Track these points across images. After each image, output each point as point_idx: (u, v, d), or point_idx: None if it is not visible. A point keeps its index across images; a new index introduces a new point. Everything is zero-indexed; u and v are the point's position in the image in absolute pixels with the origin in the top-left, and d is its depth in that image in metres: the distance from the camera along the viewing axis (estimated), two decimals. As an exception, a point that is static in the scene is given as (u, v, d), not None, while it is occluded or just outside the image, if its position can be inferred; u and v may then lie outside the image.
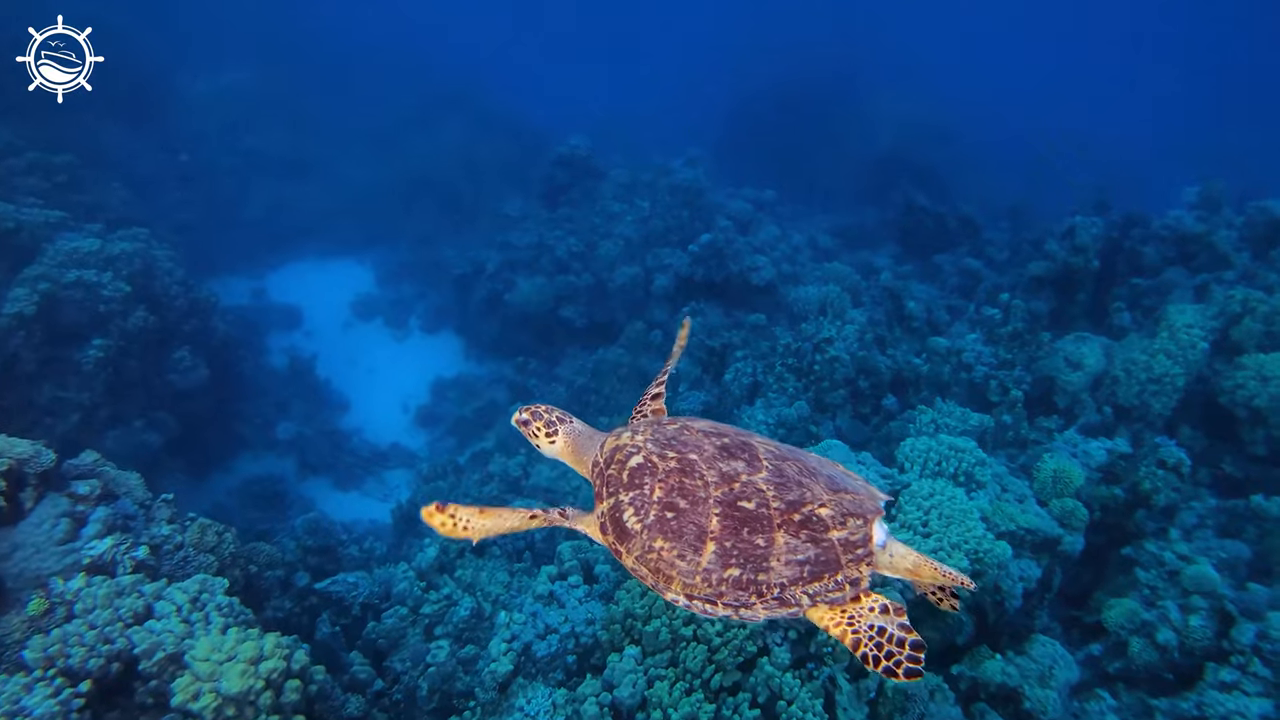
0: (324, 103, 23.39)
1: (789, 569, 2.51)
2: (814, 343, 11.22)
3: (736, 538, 2.54)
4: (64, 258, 11.34)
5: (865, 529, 2.61)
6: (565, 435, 3.14)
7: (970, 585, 2.68)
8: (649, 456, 2.76)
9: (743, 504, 2.58)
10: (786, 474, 2.68)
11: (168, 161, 19.69)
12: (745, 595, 2.53)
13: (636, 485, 2.71)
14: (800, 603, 2.53)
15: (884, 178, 21.55)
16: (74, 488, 5.87)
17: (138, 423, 11.68)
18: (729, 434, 2.86)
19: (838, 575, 2.53)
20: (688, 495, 2.62)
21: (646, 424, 3.00)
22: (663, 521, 2.61)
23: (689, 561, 2.55)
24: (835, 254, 16.82)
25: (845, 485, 2.76)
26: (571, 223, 15.78)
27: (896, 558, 2.70)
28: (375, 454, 14.25)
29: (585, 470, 3.10)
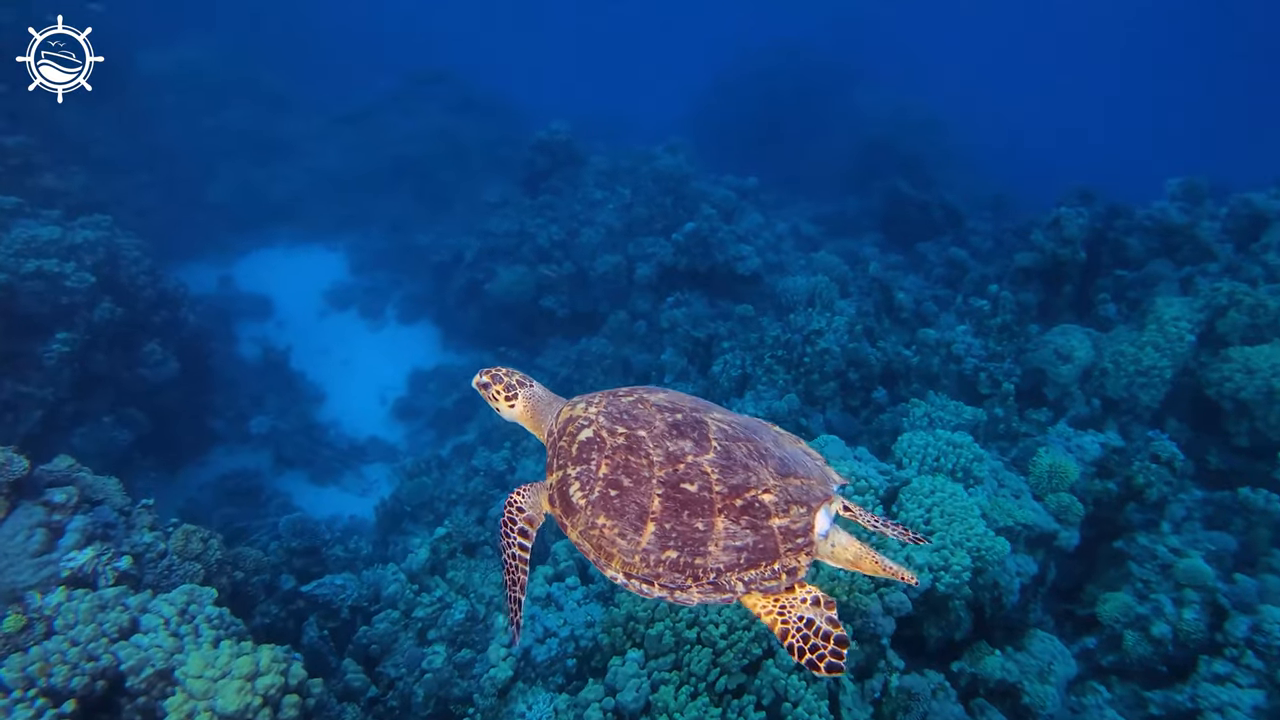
0: (292, 79, 22.69)
1: (726, 555, 2.48)
2: (804, 334, 11.13)
3: (676, 520, 2.51)
4: (21, 246, 10.82)
5: (808, 518, 2.56)
6: (525, 399, 3.14)
7: (914, 582, 2.66)
8: (599, 431, 2.74)
9: (685, 486, 2.54)
10: (734, 456, 2.62)
11: (126, 143, 18.93)
12: (681, 578, 2.50)
13: (584, 460, 2.70)
14: (735, 589, 2.50)
15: (867, 166, 21.53)
16: (49, 495, 5.56)
17: (106, 419, 11.24)
18: (684, 409, 2.80)
19: (775, 564, 2.50)
20: (632, 474, 2.60)
21: (603, 395, 2.95)
22: (606, 499, 2.60)
23: (629, 540, 2.54)
24: (819, 242, 16.75)
25: (796, 469, 2.69)
26: (553, 210, 15.47)
27: (839, 548, 2.65)
28: (353, 447, 13.92)
29: (541, 436, 3.11)
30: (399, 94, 22.81)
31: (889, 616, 6.29)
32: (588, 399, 2.96)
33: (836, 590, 6.18)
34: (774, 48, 28.07)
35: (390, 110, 22.08)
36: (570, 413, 2.92)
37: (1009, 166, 24.75)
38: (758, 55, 27.85)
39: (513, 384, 3.15)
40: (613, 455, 2.66)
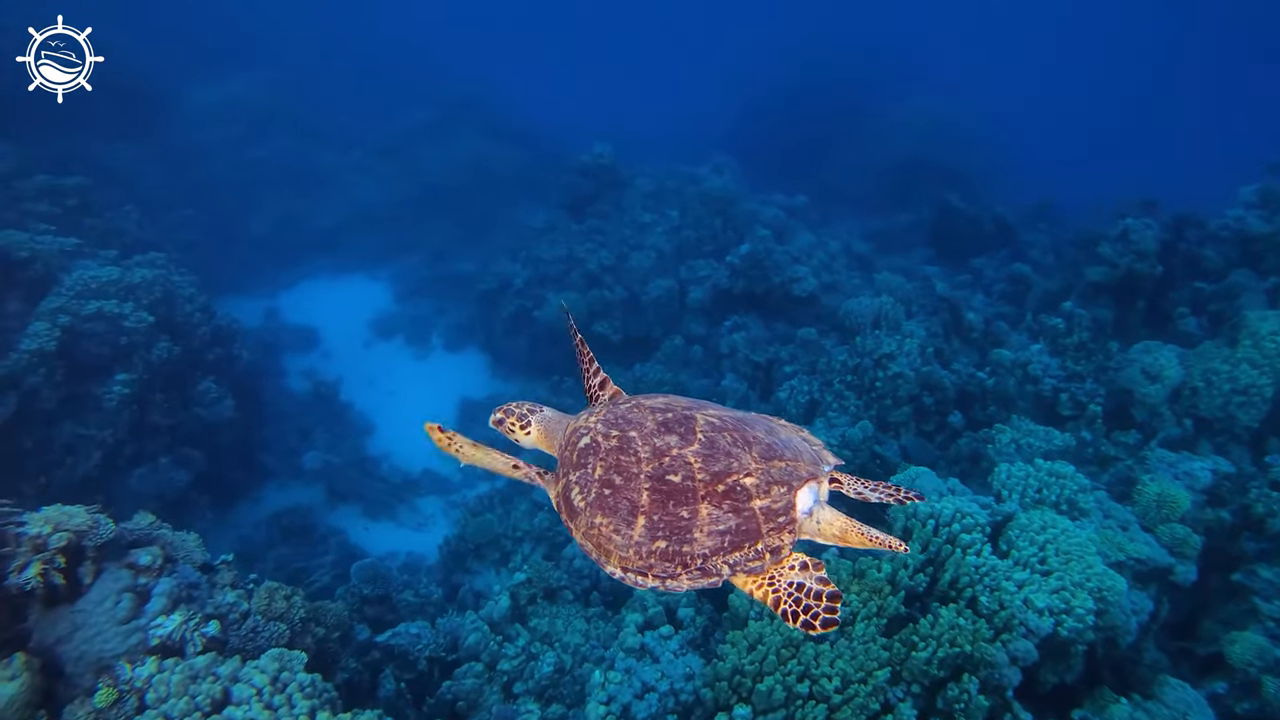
0: (330, 112, 22.77)
1: (711, 539, 2.54)
2: (874, 358, 10.75)
3: (663, 511, 2.58)
4: (82, 288, 10.75)
5: (788, 497, 2.61)
6: (538, 424, 3.21)
7: (904, 549, 2.65)
8: (595, 436, 2.83)
9: (670, 478, 2.61)
10: (718, 445, 2.68)
11: (171, 178, 19.04)
12: (671, 566, 2.56)
13: (583, 465, 2.80)
14: (721, 572, 2.55)
15: (907, 180, 21.16)
16: (134, 557, 5.32)
17: (164, 460, 11.10)
18: (676, 408, 2.86)
19: (758, 544, 2.55)
20: (622, 472, 2.69)
21: (605, 404, 3.06)
22: (602, 499, 2.69)
23: (623, 535, 2.62)
24: (870, 260, 16.36)
25: (783, 453, 2.72)
26: (601, 234, 15.24)
27: (824, 524, 2.70)
28: (406, 481, 13.68)
29: (556, 454, 3.15)
30: (432, 123, 22.80)
31: (1014, 667, 5.89)
32: (591, 410, 3.06)
33: (960, 639, 5.79)
34: (804, 60, 27.88)
35: (425, 140, 22.06)
36: (575, 424, 3.02)
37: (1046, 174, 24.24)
38: (789, 69, 27.67)
39: (524, 413, 3.22)
40: (606, 457, 2.74)
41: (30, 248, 10.71)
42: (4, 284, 10.59)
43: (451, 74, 25.69)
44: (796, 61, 27.41)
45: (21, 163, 13.24)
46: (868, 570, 6.48)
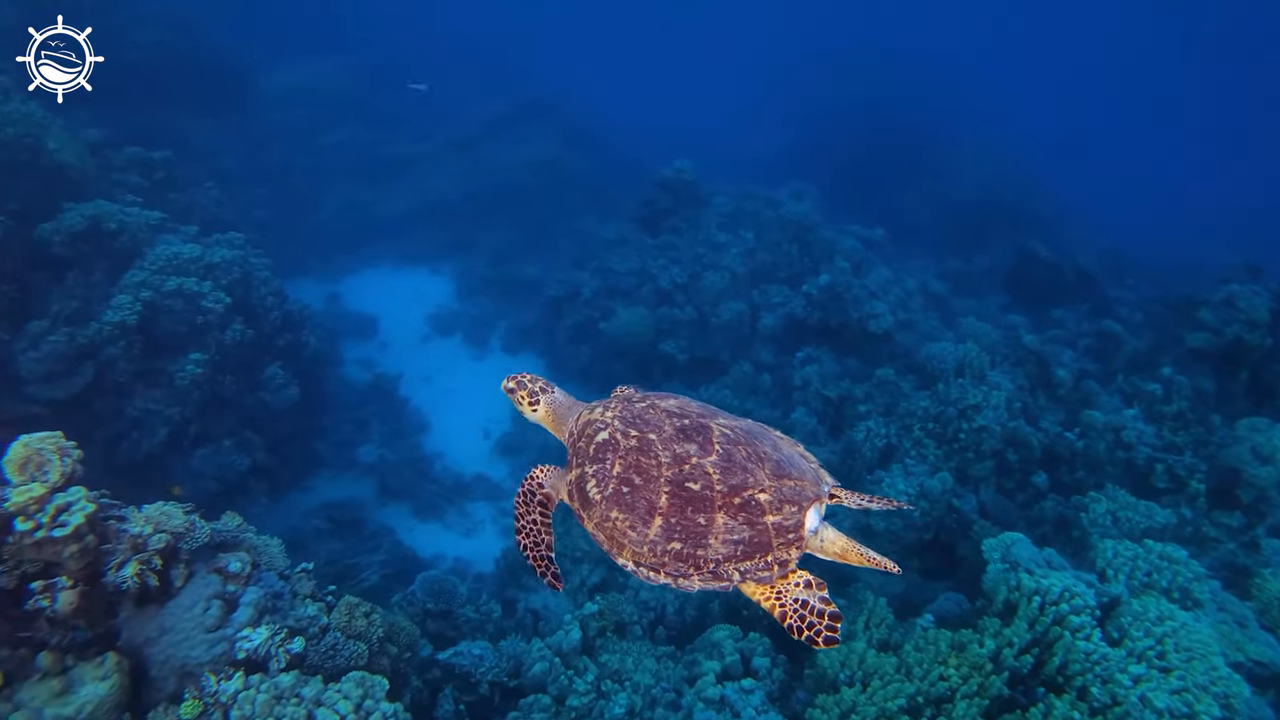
0: (404, 103, 22.78)
1: (725, 547, 2.70)
2: (959, 409, 10.34)
3: (681, 515, 2.74)
4: (164, 264, 10.73)
5: (799, 515, 2.76)
6: (546, 404, 3.41)
7: (896, 571, 2.82)
8: (614, 433, 2.96)
9: (689, 485, 2.76)
10: (734, 459, 2.83)
11: (246, 157, 19.18)
12: (684, 567, 2.73)
13: (600, 459, 2.93)
14: (732, 578, 2.70)
15: (979, 219, 20.65)
16: (223, 563, 5.14)
17: (227, 443, 11.03)
18: (691, 415, 3.00)
19: (768, 556, 2.70)
20: (643, 473, 2.82)
21: (619, 400, 3.17)
22: (619, 495, 2.83)
23: (638, 532, 2.77)
24: (945, 300, 15.91)
25: (790, 471, 2.87)
26: (674, 251, 14.97)
27: (827, 542, 2.85)
28: (459, 484, 13.51)
29: (562, 437, 3.32)
30: (507, 121, 22.74)
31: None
32: (605, 404, 3.17)
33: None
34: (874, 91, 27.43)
35: (498, 138, 22.00)
36: (589, 416, 3.13)
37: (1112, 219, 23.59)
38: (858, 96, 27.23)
39: (535, 390, 3.44)
40: (625, 455, 2.88)
41: (119, 220, 10.72)
42: (93, 254, 10.61)
43: (527, 75, 25.64)
44: (866, 91, 26.94)
45: (112, 133, 13.32)
46: (969, 644, 6.12)
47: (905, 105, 25.47)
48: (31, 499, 4.29)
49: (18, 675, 4.38)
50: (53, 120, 11.30)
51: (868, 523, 9.99)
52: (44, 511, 4.34)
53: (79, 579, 4.49)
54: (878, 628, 6.87)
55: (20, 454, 4.44)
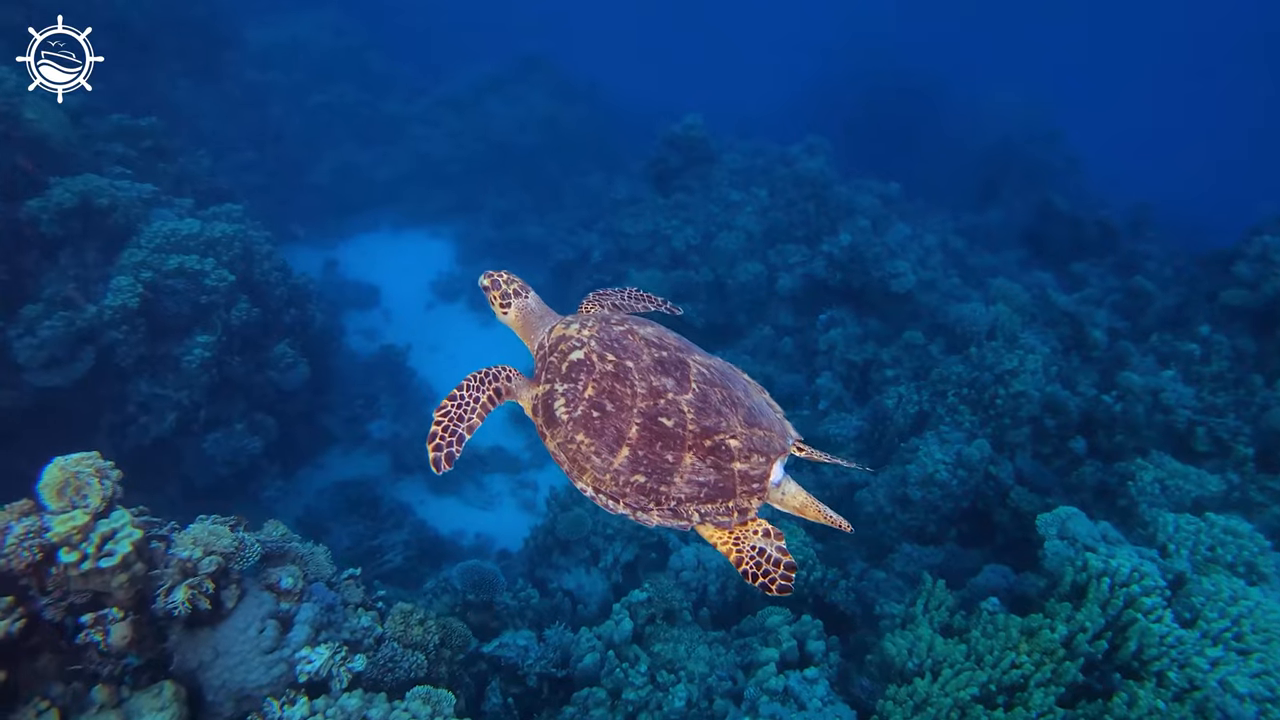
0: (396, 59, 21.88)
1: (689, 487, 2.70)
2: (995, 374, 10.09)
3: (649, 449, 2.71)
4: (163, 241, 10.19)
5: (766, 466, 2.76)
6: (518, 308, 3.31)
7: (849, 529, 2.88)
8: (590, 354, 2.87)
9: (662, 420, 2.72)
10: (710, 400, 2.79)
11: (232, 119, 18.34)
12: (645, 501, 2.72)
13: (572, 379, 2.85)
14: (691, 518, 2.71)
15: (994, 171, 20.19)
16: (274, 578, 4.83)
17: (238, 426, 10.65)
18: (669, 347, 2.93)
19: (730, 502, 2.71)
20: (615, 400, 2.76)
21: (597, 319, 3.05)
22: (588, 419, 2.77)
23: (603, 460, 2.73)
24: (964, 257, 15.57)
25: (761, 420, 2.86)
26: (686, 210, 14.47)
27: (788, 496, 2.87)
28: (475, 457, 13.21)
29: (531, 347, 3.23)
30: (501, 79, 21.85)
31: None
32: (581, 320, 3.07)
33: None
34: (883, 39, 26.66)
35: (493, 96, 21.16)
36: (564, 331, 3.02)
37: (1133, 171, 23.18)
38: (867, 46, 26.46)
39: (509, 292, 3.32)
40: (600, 380, 2.80)
41: (110, 195, 10.11)
42: (84, 232, 10.04)
43: (521, 27, 24.63)
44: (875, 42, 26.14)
45: (91, 98, 12.56)
46: (1039, 630, 5.93)
47: (915, 55, 24.77)
48: (75, 528, 3.94)
49: (73, 710, 4.08)
50: (25, 87, 10.58)
51: (905, 493, 9.81)
52: (89, 541, 3.99)
53: (129, 608, 4.17)
54: (938, 610, 6.69)
55: (57, 478, 4.07)
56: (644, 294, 3.77)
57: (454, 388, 3.04)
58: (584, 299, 3.64)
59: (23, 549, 3.90)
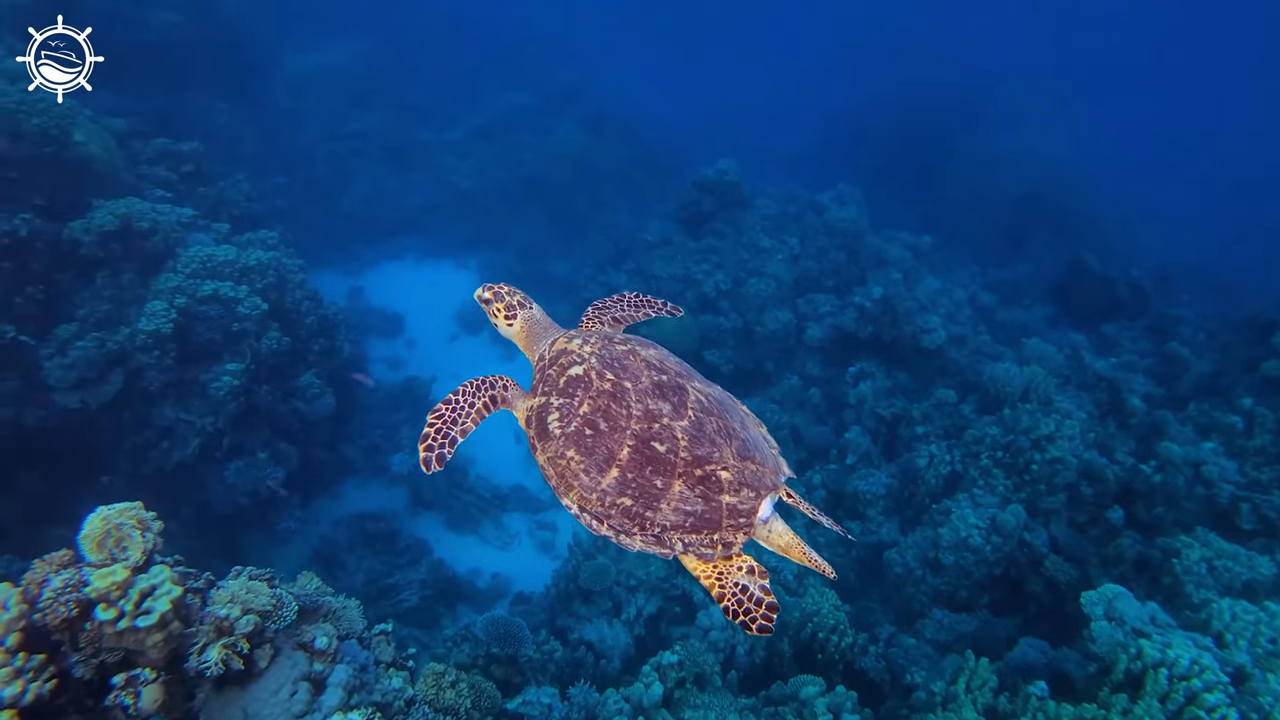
0: (428, 89, 22.08)
1: (675, 515, 2.65)
2: (1031, 438, 9.89)
3: (640, 473, 2.67)
4: (198, 266, 10.19)
5: (755, 502, 2.73)
6: (523, 320, 3.29)
7: (831, 575, 2.87)
8: (589, 371, 2.86)
9: (655, 444, 2.69)
10: (705, 429, 2.76)
11: (266, 143, 18.50)
12: (630, 525, 2.67)
13: (569, 394, 2.84)
14: (674, 547, 2.67)
15: (1021, 222, 20.12)
16: (308, 637, 4.66)
17: (261, 455, 10.53)
18: (669, 372, 2.92)
19: (715, 535, 2.67)
20: (610, 420, 2.74)
21: (600, 337, 3.05)
22: (580, 436, 2.75)
23: (591, 478, 2.71)
24: (992, 312, 15.43)
25: (754, 454, 2.84)
26: (717, 255, 14.41)
27: (774, 534, 2.83)
28: (495, 495, 13.04)
29: (531, 358, 3.21)
30: (532, 110, 22.03)
31: None
32: (584, 336, 3.06)
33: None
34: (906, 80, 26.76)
35: (524, 127, 21.30)
36: (566, 345, 3.02)
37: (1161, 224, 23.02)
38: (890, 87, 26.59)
39: (513, 304, 3.29)
40: (596, 398, 2.78)
41: (152, 219, 10.14)
42: (123, 254, 10.05)
43: (550, 62, 24.84)
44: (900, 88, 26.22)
45: (137, 122, 12.68)
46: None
47: (941, 102, 24.83)
48: (114, 584, 3.80)
49: (94, 775, 3.92)
50: (80, 110, 10.67)
51: (936, 556, 9.58)
52: (127, 598, 3.85)
53: (161, 668, 4.02)
54: (981, 690, 6.45)
55: (99, 528, 3.95)
56: (645, 298, 3.72)
57: (450, 392, 3.03)
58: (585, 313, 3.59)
59: (59, 603, 3.76)
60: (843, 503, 11.29)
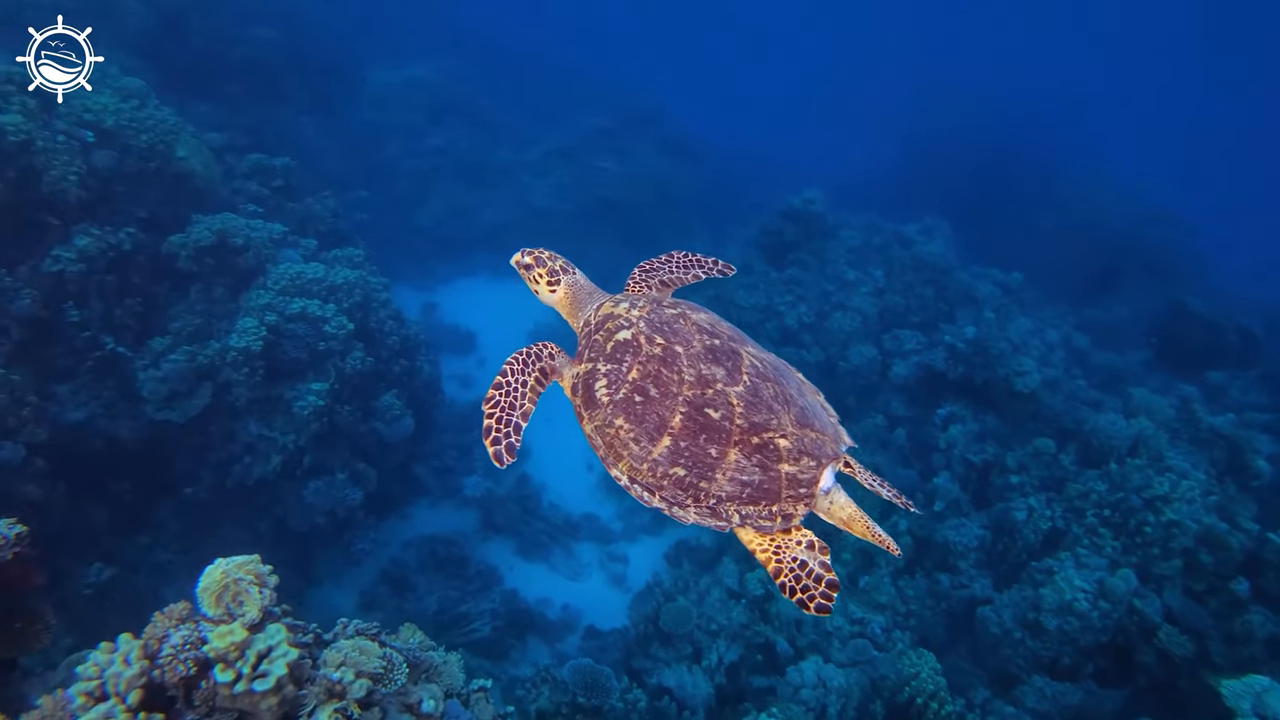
0: (508, 108, 22.22)
1: (731, 485, 2.54)
2: (1143, 498, 9.28)
3: (693, 440, 2.56)
4: (288, 284, 10.24)
5: (816, 471, 2.60)
6: (567, 286, 3.20)
7: (897, 553, 2.66)
8: (638, 335, 2.74)
9: (709, 411, 2.57)
10: (761, 395, 2.63)
11: (350, 157, 18.76)
12: (683, 496, 2.56)
13: (616, 359, 2.72)
14: (730, 519, 2.56)
15: (1110, 258, 19.27)
16: (415, 699, 4.44)
17: (340, 476, 10.48)
18: (723, 336, 2.79)
19: (774, 506, 2.55)
20: (661, 385, 2.62)
21: (649, 300, 2.93)
22: (630, 403, 2.63)
23: (642, 448, 2.59)
24: (1087, 355, 14.72)
25: (814, 421, 2.69)
26: (800, 286, 14.03)
27: (835, 506, 2.69)
28: (567, 523, 12.82)
29: (575, 325, 3.12)
30: (609, 132, 21.96)
31: None
32: (631, 299, 2.94)
33: None
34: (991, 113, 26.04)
35: (601, 148, 21.24)
36: (612, 309, 2.90)
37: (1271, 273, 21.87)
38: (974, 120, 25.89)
39: (556, 269, 3.20)
40: (646, 363, 2.67)
41: (245, 234, 10.24)
42: (216, 269, 10.17)
43: (630, 83, 24.82)
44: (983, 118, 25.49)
45: (233, 136, 12.91)
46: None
47: (1025, 133, 24.08)
48: (233, 645, 3.63)
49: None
50: (183, 125, 10.87)
51: (1037, 619, 9.04)
52: (245, 659, 3.68)
53: (272, 731, 3.84)
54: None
55: (218, 582, 3.79)
56: (694, 257, 3.61)
57: (498, 374, 2.89)
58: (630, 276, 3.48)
59: (179, 661, 3.61)
60: (930, 551, 10.78)
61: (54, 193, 9.00)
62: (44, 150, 8.86)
